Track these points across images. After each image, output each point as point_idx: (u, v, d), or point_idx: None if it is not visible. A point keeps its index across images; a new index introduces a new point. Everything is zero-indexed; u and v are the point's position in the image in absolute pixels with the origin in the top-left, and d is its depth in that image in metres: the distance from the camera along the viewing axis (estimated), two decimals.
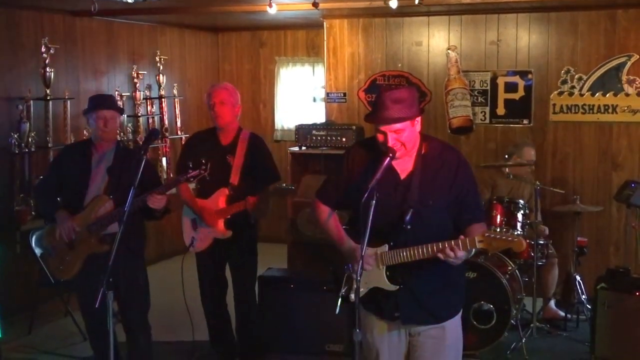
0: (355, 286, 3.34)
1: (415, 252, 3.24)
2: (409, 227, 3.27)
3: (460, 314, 3.56)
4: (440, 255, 3.17)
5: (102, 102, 4.59)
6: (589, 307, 5.90)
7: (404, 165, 3.37)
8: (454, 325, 3.50)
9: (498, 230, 3.15)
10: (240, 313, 5.21)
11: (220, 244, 5.01)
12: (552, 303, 6.39)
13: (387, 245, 3.32)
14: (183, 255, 5.04)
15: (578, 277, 6.16)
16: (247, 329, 5.19)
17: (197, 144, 5.12)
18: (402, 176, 3.37)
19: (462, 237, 3.18)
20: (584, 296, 6.17)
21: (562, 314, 6.24)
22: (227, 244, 5.01)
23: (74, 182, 4.53)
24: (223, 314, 5.28)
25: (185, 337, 5.91)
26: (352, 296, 3.37)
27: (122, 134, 7.50)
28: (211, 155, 4.91)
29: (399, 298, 3.37)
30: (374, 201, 3.13)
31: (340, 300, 3.38)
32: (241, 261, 5.13)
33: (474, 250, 3.19)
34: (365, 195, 3.13)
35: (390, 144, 3.24)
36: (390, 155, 3.23)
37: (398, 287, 3.35)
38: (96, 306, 3.53)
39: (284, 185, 5.41)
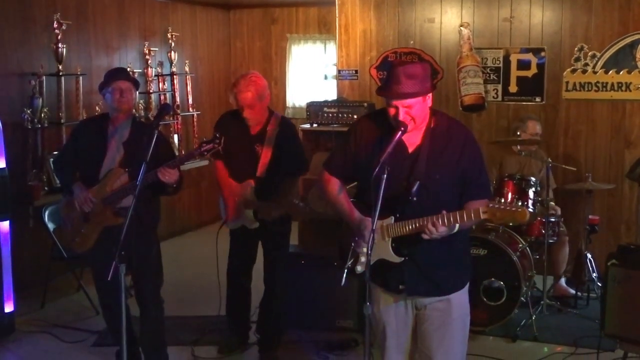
0: (362, 259, 3.38)
1: (421, 224, 3.25)
2: (414, 199, 3.28)
3: (466, 288, 3.57)
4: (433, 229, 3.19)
5: (117, 73, 4.63)
6: (600, 285, 5.90)
7: (412, 139, 3.37)
8: (460, 299, 3.52)
9: (502, 201, 3.14)
10: (269, 289, 5.16)
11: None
12: (563, 281, 6.40)
13: (393, 217, 3.34)
14: (218, 229, 5.04)
15: (589, 255, 6.16)
16: (272, 305, 5.18)
17: (227, 126, 4.93)
18: (410, 150, 3.37)
19: (466, 209, 3.20)
20: (594, 274, 6.17)
21: (573, 291, 6.25)
22: (261, 224, 4.93)
23: (90, 155, 4.58)
24: (244, 288, 5.27)
25: (197, 312, 5.98)
26: (358, 268, 3.42)
27: (134, 110, 7.52)
28: (239, 142, 4.86)
29: (404, 270, 3.39)
30: (385, 175, 3.14)
31: (345, 272, 3.42)
32: (274, 242, 5.07)
33: (456, 226, 3.20)
34: (377, 169, 3.15)
35: (401, 118, 3.25)
36: (402, 129, 3.23)
37: (403, 259, 3.37)
38: (108, 279, 3.57)
39: (296, 201, 5.27)
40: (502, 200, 3.13)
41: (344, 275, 3.40)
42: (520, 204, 3.17)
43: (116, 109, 4.56)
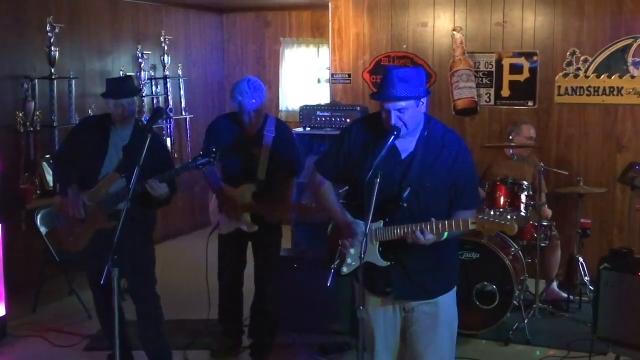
0: (348, 260, 3.45)
1: (409, 230, 3.27)
2: (405, 204, 3.30)
3: (454, 291, 3.60)
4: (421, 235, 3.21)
5: (121, 90, 4.56)
6: (592, 288, 5.91)
7: (405, 145, 3.39)
8: (447, 302, 3.54)
9: (492, 212, 3.15)
10: (260, 292, 5.17)
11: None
12: (555, 285, 6.41)
13: (382, 222, 3.36)
14: (209, 234, 5.07)
15: (581, 259, 6.18)
16: (264, 307, 5.18)
17: (221, 131, 4.96)
18: (403, 156, 3.39)
19: (454, 219, 3.23)
20: (586, 278, 6.18)
21: (565, 295, 6.25)
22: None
23: (90, 156, 4.55)
24: (238, 292, 5.27)
25: (190, 316, 5.96)
26: (344, 269, 3.46)
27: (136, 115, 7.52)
28: (236, 145, 4.88)
29: (391, 274, 3.42)
30: (378, 179, 3.16)
31: (332, 273, 3.44)
32: (265, 242, 5.08)
33: (445, 233, 3.22)
34: (370, 174, 3.16)
35: (392, 121, 3.27)
36: (395, 133, 3.25)
37: (389, 263, 3.39)
38: (102, 283, 3.58)
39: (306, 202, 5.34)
40: (492, 212, 3.14)
41: (330, 276, 3.42)
42: (509, 217, 3.15)
43: (118, 122, 4.56)
